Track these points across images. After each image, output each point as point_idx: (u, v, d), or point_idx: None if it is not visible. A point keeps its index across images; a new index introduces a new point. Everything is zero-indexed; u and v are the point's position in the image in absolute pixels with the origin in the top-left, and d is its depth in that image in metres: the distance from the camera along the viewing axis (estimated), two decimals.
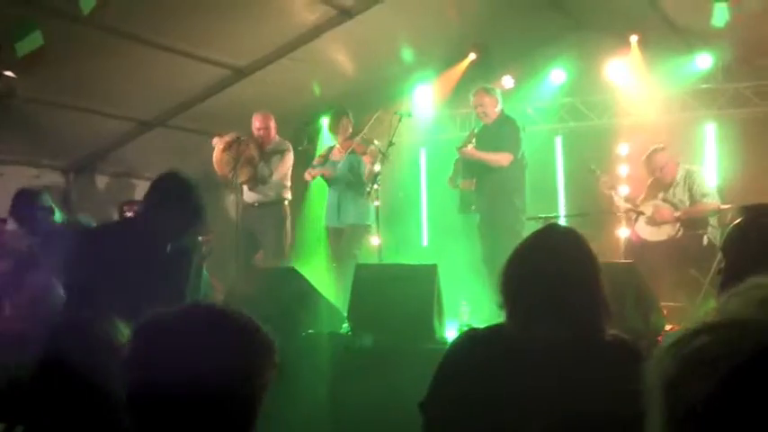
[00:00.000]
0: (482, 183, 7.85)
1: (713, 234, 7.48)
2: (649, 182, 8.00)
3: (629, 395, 1.23)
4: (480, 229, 7.91)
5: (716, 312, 1.20)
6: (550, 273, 2.69)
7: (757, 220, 3.20)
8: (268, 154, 8.34)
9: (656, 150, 7.85)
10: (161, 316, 1.75)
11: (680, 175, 7.73)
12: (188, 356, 1.65)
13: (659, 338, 4.94)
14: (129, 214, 8.84)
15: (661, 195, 7.79)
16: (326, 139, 9.66)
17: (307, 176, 8.59)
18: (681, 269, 7.43)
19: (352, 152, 8.40)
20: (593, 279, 2.71)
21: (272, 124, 8.55)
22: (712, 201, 7.57)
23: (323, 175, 8.57)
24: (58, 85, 7.75)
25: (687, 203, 7.60)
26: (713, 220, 7.56)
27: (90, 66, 7.64)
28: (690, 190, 7.61)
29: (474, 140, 7.97)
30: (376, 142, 8.28)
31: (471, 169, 7.93)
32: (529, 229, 7.65)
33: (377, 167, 8.08)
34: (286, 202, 8.56)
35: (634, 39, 9.16)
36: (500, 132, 7.85)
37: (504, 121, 7.96)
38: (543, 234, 2.88)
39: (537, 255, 2.79)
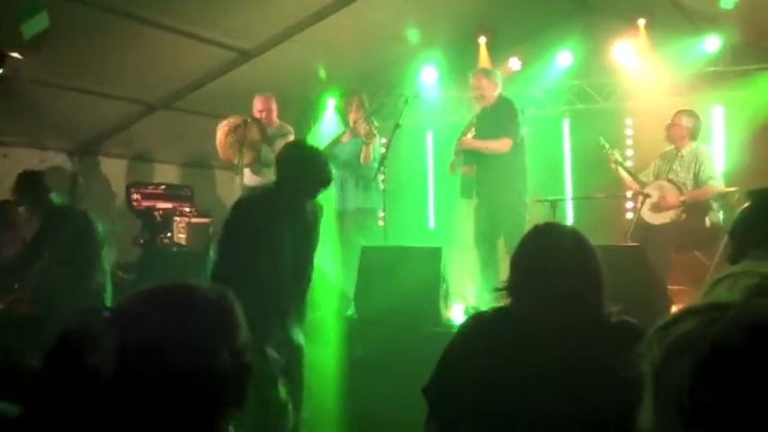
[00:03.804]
0: (482, 168, 7.78)
1: (715, 216, 7.47)
2: (658, 156, 7.96)
3: (635, 377, 1.23)
4: (478, 211, 7.85)
5: (704, 296, 1.22)
6: (553, 259, 2.72)
7: (765, 205, 3.21)
8: (271, 137, 8.33)
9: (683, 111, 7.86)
10: (141, 294, 1.82)
11: (688, 149, 7.70)
12: (157, 332, 1.71)
13: None
14: (135, 196, 8.85)
15: (667, 166, 7.75)
16: (326, 123, 9.66)
17: None
18: (685, 252, 7.44)
19: (357, 135, 8.39)
20: (593, 266, 2.74)
21: (274, 106, 8.52)
22: (716, 184, 7.56)
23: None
24: (63, 66, 7.74)
25: (690, 183, 7.58)
26: (716, 204, 7.55)
27: (96, 47, 7.63)
28: (696, 171, 7.58)
29: (474, 130, 7.92)
30: (375, 124, 8.26)
31: (471, 155, 7.88)
32: (533, 211, 7.66)
33: (383, 150, 8.07)
34: None
35: (642, 22, 9.11)
36: (498, 116, 7.78)
37: (503, 104, 7.86)
38: (543, 228, 2.91)
39: (541, 245, 2.82)
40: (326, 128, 9.44)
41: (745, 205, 3.29)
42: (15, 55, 4.32)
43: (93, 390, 1.78)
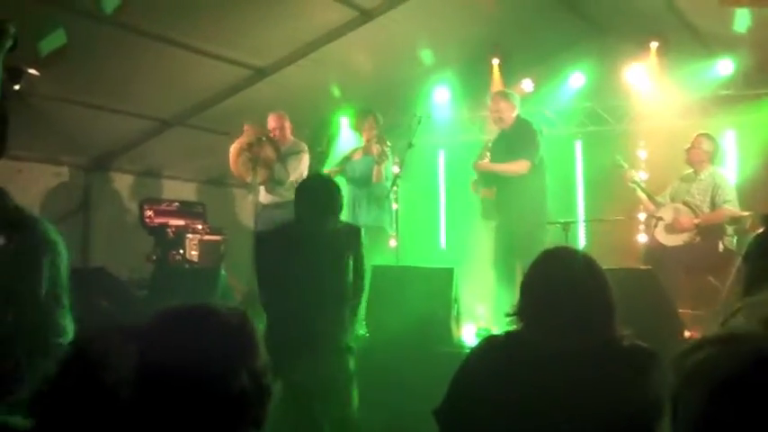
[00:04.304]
0: (501, 190, 7.73)
1: (729, 241, 7.45)
2: (677, 178, 7.96)
3: (647, 400, 1.24)
4: (497, 232, 7.83)
5: (721, 326, 1.23)
6: (565, 284, 2.72)
7: None
8: (284, 155, 8.35)
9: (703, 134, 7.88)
10: (162, 314, 1.87)
11: (706, 173, 7.70)
12: (178, 352, 1.75)
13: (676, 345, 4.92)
14: (148, 213, 8.87)
15: (685, 188, 7.75)
16: (344, 141, 9.67)
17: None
18: (698, 276, 7.41)
19: (369, 153, 8.41)
20: (604, 290, 2.73)
21: (287, 124, 8.55)
22: (732, 207, 7.54)
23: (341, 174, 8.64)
24: (78, 83, 7.78)
25: (706, 207, 7.57)
26: (730, 228, 7.53)
27: (111, 64, 7.68)
28: (713, 194, 7.57)
29: (489, 154, 7.89)
30: (388, 143, 8.27)
31: (490, 177, 7.84)
32: (549, 234, 7.64)
33: (395, 169, 8.08)
34: None
35: (654, 45, 9.12)
36: (517, 138, 7.74)
37: (521, 125, 7.84)
38: (553, 253, 2.92)
39: (552, 270, 2.82)
40: (345, 146, 9.44)
41: (760, 230, 3.27)
42: (32, 71, 4.35)
43: (108, 406, 1.79)
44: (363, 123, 8.64)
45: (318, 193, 5.35)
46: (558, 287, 2.73)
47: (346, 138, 9.68)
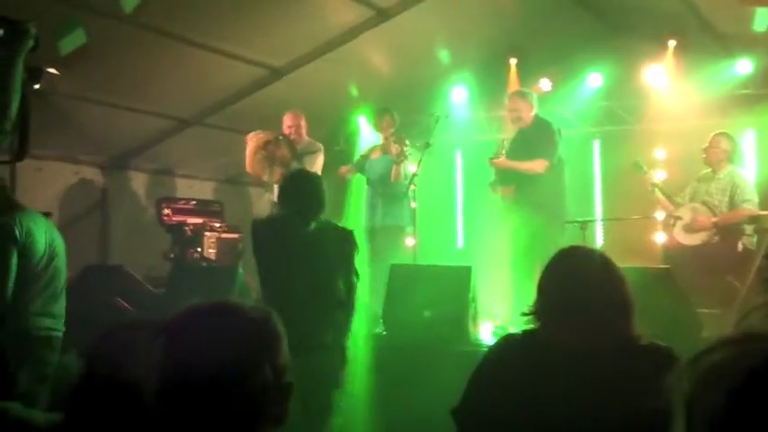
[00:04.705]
0: (519, 189, 7.71)
1: (749, 240, 7.42)
2: (695, 178, 7.94)
3: (665, 399, 1.23)
4: (514, 232, 7.81)
5: (737, 324, 1.22)
6: (581, 283, 2.71)
7: None
8: (300, 154, 8.37)
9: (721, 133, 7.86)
10: (187, 310, 1.87)
11: (724, 172, 7.67)
12: (203, 348, 1.77)
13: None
14: (165, 211, 8.90)
15: (704, 188, 7.72)
16: (363, 140, 9.67)
17: (342, 171, 8.70)
18: (717, 275, 7.37)
19: (388, 152, 8.42)
20: (621, 289, 2.73)
21: (303, 123, 8.56)
22: (751, 207, 7.50)
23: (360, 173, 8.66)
24: (97, 82, 7.82)
25: (725, 206, 7.54)
26: (749, 228, 7.49)
27: (130, 63, 7.72)
28: (731, 193, 7.54)
29: (504, 152, 7.87)
30: (407, 143, 8.27)
31: (509, 176, 7.83)
32: (567, 233, 7.63)
33: (412, 168, 8.08)
34: None
35: (672, 43, 9.08)
36: (535, 137, 7.75)
37: (539, 124, 7.85)
38: (568, 252, 2.92)
39: (568, 269, 2.82)
40: (366, 144, 9.45)
41: None
42: (53, 71, 4.38)
43: (132, 402, 1.81)
44: (381, 122, 8.67)
45: (306, 189, 5.42)
46: (574, 286, 2.73)
47: (367, 136, 9.68)
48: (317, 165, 8.46)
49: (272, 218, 5.86)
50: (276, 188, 8.37)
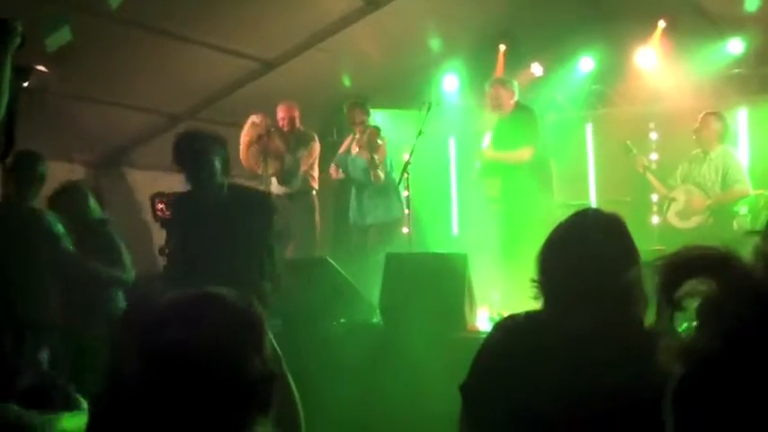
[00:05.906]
0: (506, 178, 7.73)
1: (743, 220, 7.42)
2: (686, 159, 7.93)
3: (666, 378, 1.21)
4: (503, 219, 7.80)
5: None
6: (582, 262, 2.65)
7: None
8: (294, 146, 8.34)
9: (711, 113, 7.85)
10: (170, 301, 1.86)
11: (716, 153, 7.65)
12: (187, 340, 1.74)
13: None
14: (160, 206, 8.88)
15: (696, 170, 7.71)
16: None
17: (332, 174, 8.64)
18: None
19: (361, 155, 8.33)
20: (627, 266, 2.62)
21: (297, 114, 8.51)
22: (744, 187, 7.50)
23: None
24: (86, 79, 7.79)
25: (718, 187, 7.53)
26: (743, 207, 7.49)
27: (118, 60, 7.69)
28: (723, 174, 7.53)
29: (491, 139, 7.86)
30: (381, 135, 8.18)
31: (494, 166, 7.84)
32: (557, 216, 7.61)
33: (406, 156, 8.04)
34: (314, 193, 8.56)
35: (662, 24, 9.06)
36: (517, 124, 7.75)
37: (521, 111, 7.84)
38: (573, 222, 2.77)
39: (568, 244, 2.70)
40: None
41: None
42: (41, 68, 4.35)
43: (116, 391, 1.80)
44: (351, 116, 8.48)
45: (198, 148, 5.40)
46: (570, 260, 2.66)
47: None
48: (312, 155, 8.44)
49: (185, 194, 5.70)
50: (272, 181, 8.36)
